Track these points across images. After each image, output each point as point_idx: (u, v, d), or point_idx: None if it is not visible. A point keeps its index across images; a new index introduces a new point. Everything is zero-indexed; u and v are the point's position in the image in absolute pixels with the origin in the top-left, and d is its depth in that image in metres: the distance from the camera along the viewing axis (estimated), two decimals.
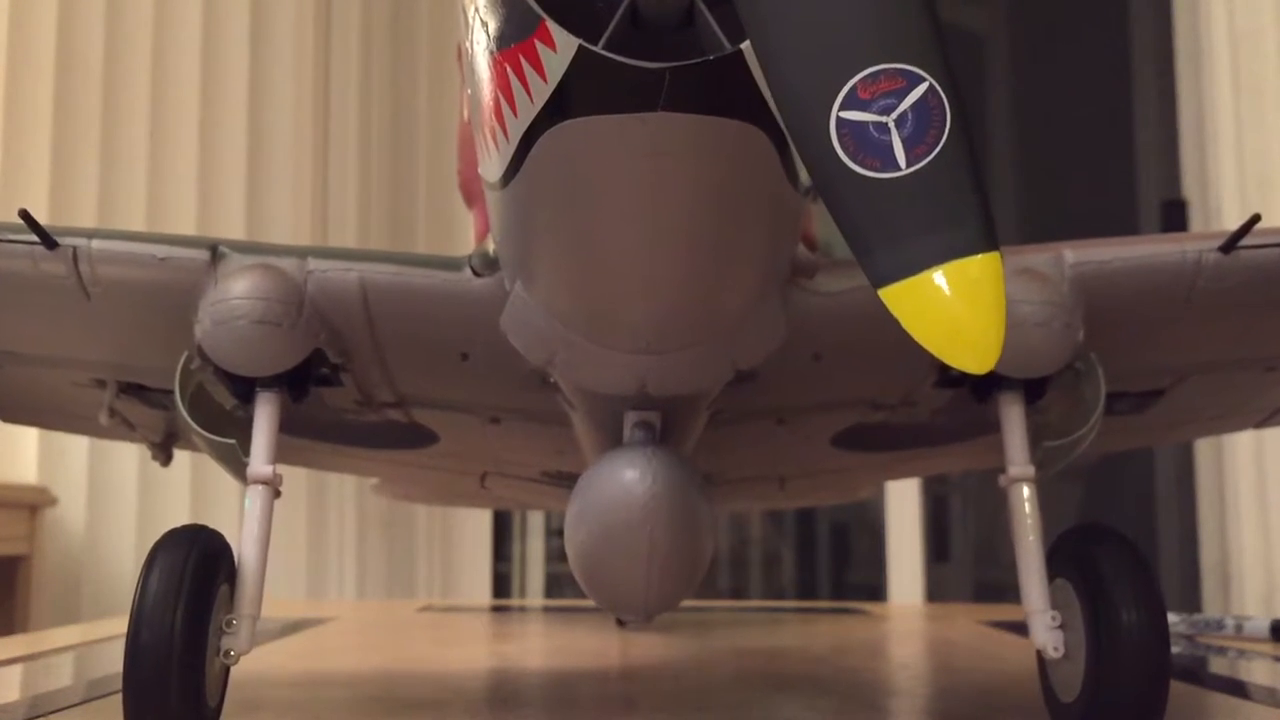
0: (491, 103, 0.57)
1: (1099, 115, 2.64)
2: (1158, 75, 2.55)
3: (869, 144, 0.46)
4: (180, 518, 2.15)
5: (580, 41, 0.50)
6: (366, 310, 0.76)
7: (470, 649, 1.29)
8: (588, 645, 1.28)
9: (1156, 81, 2.55)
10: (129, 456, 2.13)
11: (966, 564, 2.75)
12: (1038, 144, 2.82)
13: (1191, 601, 2.34)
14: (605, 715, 0.78)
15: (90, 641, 1.27)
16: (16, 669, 1.05)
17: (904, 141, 0.46)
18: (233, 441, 0.77)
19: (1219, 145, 2.18)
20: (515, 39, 0.52)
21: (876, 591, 2.51)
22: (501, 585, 2.59)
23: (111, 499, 2.13)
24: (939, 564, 2.46)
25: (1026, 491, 0.74)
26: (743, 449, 0.95)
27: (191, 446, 0.91)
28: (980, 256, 0.46)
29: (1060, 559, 0.73)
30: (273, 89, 2.32)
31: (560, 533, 2.56)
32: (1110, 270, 0.75)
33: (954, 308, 0.45)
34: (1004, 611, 1.56)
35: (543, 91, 0.53)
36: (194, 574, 0.68)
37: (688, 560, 0.74)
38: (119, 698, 0.83)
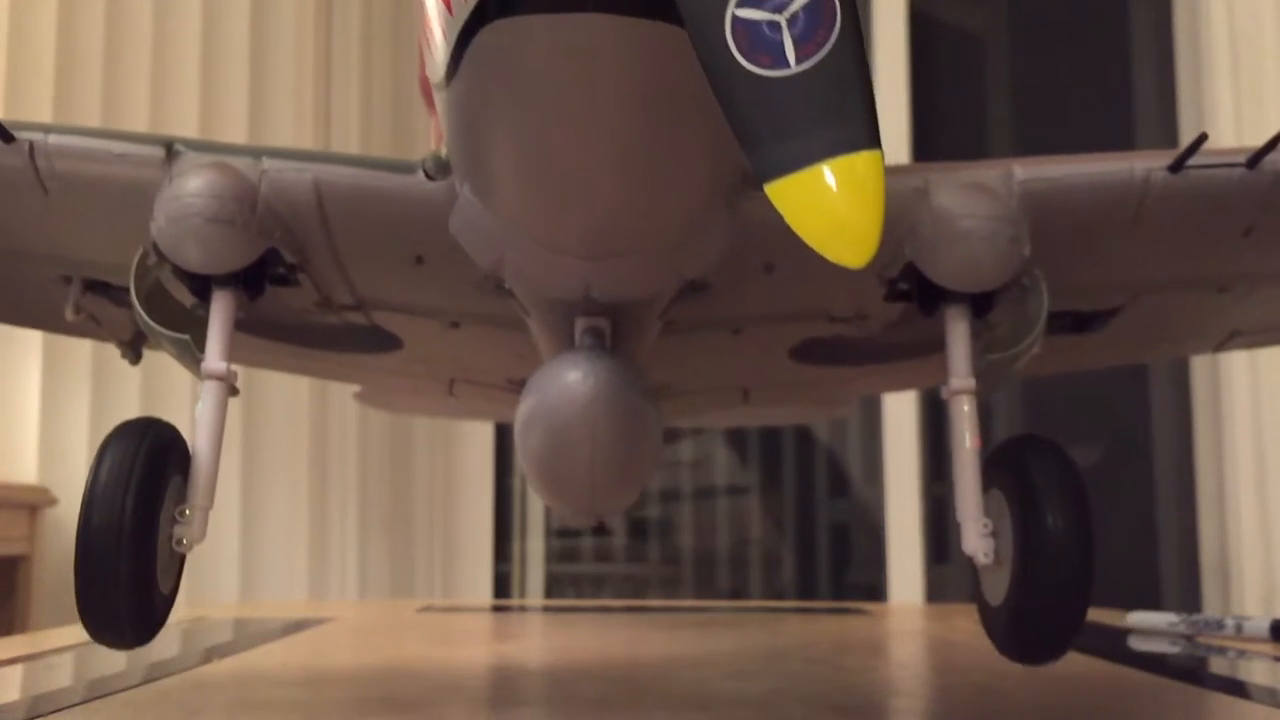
0: (433, 2, 0.58)
1: (1099, 115, 2.64)
2: (1158, 76, 2.55)
3: (761, 41, 0.47)
4: None
5: None
6: (321, 210, 0.77)
7: (471, 649, 1.29)
8: (588, 645, 1.28)
9: (1156, 82, 2.56)
10: None
11: (966, 564, 2.75)
12: (1037, 144, 2.82)
13: (1191, 601, 2.34)
14: (605, 714, 0.78)
15: (90, 641, 1.27)
16: (17, 669, 1.05)
17: (794, 40, 0.47)
18: (186, 336, 0.79)
19: (1219, 145, 2.18)
20: None
21: (876, 592, 2.51)
22: (502, 585, 2.59)
23: None
24: (939, 564, 2.46)
25: (966, 404, 0.75)
26: (701, 359, 0.97)
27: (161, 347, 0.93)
28: (864, 153, 0.47)
29: (995, 470, 0.74)
30: (275, 78, 2.33)
31: (560, 533, 2.58)
32: (1060, 187, 0.76)
33: (837, 202, 0.47)
34: None
35: None
36: (145, 462, 0.69)
37: (629, 460, 0.76)
38: (120, 698, 0.83)
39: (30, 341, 2.21)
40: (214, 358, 0.77)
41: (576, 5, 0.53)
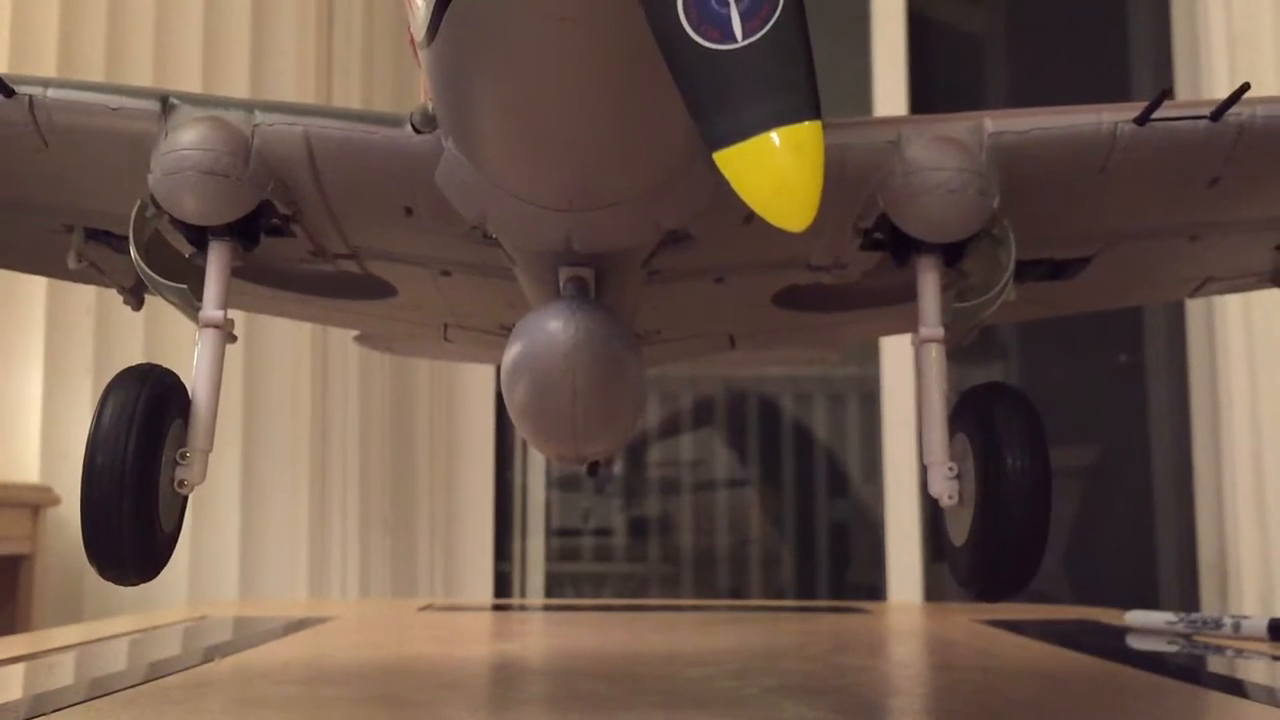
0: None
1: None
2: (1156, 77, 2.55)
3: (710, 16, 0.50)
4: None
5: None
6: (312, 163, 0.79)
7: (471, 648, 1.29)
8: (588, 644, 1.29)
9: (1155, 83, 2.56)
10: None
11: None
12: None
13: (1189, 601, 2.35)
14: (605, 713, 0.79)
15: (92, 640, 1.28)
16: (19, 668, 1.06)
17: (741, 15, 0.50)
18: (184, 286, 0.81)
19: None
20: None
21: (875, 591, 2.51)
22: (502, 584, 2.60)
23: None
24: (937, 563, 2.46)
25: (935, 351, 0.77)
26: (687, 307, 1.00)
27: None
28: (806, 123, 0.50)
29: (960, 416, 0.77)
30: (276, 77, 2.34)
31: (560, 532, 2.59)
32: (1030, 139, 0.78)
33: (781, 169, 0.50)
34: (1001, 610, 1.57)
35: None
36: (146, 405, 0.72)
37: (611, 406, 0.78)
38: (122, 696, 0.84)
39: (32, 341, 2.22)
40: (211, 306, 0.79)
41: None
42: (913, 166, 0.75)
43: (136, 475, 0.71)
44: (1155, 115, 0.77)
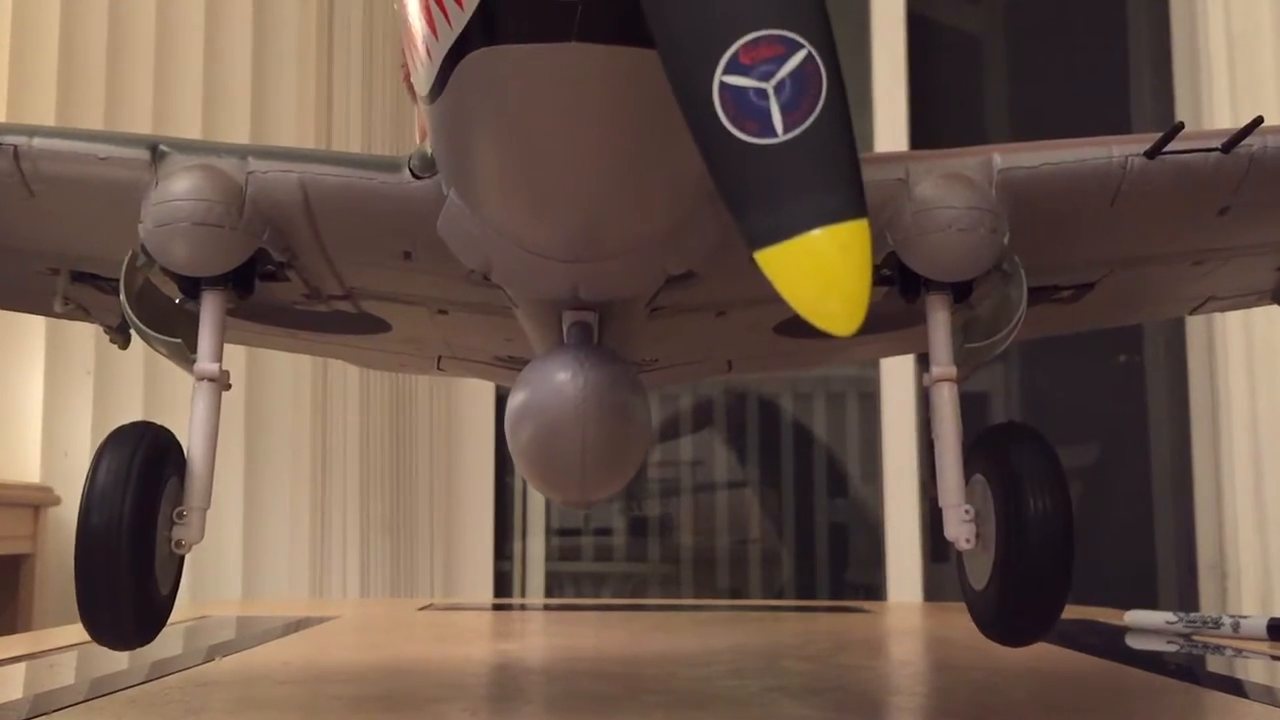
0: (417, 22, 0.60)
1: (1096, 117, 2.65)
2: (1155, 77, 2.56)
3: (748, 109, 0.47)
4: None
5: None
6: (308, 210, 0.77)
7: (471, 647, 1.29)
8: (588, 643, 1.29)
9: (1154, 83, 2.56)
10: None
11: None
12: None
13: (1188, 600, 2.35)
14: (605, 712, 0.79)
15: (93, 640, 1.28)
16: (19, 667, 1.06)
17: (781, 109, 0.47)
18: (178, 340, 0.78)
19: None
20: None
21: (875, 591, 2.52)
22: (502, 584, 2.60)
23: None
24: (937, 564, 2.47)
25: (948, 391, 0.75)
26: (687, 338, 0.99)
27: None
28: (850, 223, 0.47)
29: (977, 458, 0.75)
30: (277, 83, 2.34)
31: (560, 532, 2.59)
32: (1040, 174, 0.77)
33: (825, 270, 0.47)
34: None
35: (460, 18, 0.55)
36: (142, 464, 0.70)
37: (620, 453, 0.78)
38: (122, 696, 0.84)
39: (33, 341, 2.22)
40: (206, 359, 0.76)
41: (558, 36, 0.54)
42: (922, 204, 0.74)
43: (132, 537, 0.69)
44: (1166, 148, 0.75)
